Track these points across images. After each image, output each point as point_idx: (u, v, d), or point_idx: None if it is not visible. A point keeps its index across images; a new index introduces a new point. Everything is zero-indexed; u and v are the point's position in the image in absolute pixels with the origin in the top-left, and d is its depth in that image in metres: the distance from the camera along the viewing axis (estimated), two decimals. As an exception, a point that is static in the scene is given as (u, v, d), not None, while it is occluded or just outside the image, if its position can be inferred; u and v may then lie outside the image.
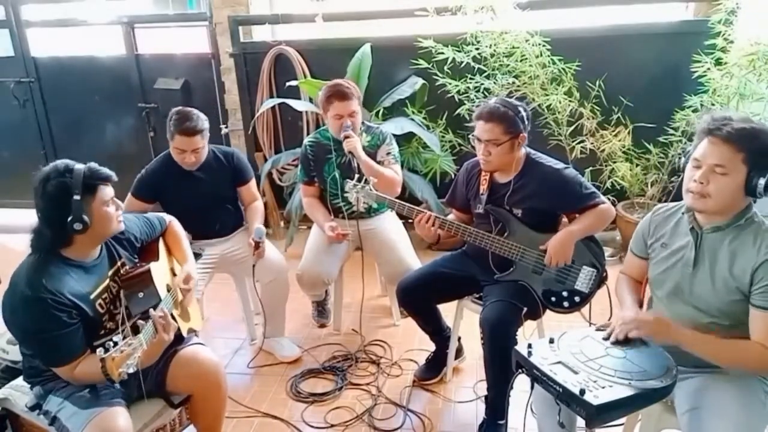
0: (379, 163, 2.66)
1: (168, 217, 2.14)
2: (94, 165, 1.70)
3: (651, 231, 1.76)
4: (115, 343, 1.49)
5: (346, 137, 2.54)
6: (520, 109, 2.13)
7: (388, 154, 2.71)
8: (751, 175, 1.46)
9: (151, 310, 1.69)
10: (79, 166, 1.67)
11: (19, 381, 1.90)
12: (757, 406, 1.52)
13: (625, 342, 1.54)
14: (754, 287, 1.50)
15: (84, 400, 1.67)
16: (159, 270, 1.88)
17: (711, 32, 3.24)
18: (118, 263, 1.84)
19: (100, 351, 1.47)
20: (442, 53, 3.47)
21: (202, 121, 2.54)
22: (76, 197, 1.61)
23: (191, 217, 2.46)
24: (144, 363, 1.60)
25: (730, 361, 1.53)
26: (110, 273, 1.80)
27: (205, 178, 2.63)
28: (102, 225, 1.69)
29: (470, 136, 2.21)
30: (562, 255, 2.13)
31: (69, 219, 1.60)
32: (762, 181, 1.45)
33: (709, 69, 3.21)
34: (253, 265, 2.61)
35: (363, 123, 2.75)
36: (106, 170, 1.71)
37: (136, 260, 1.91)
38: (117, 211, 1.74)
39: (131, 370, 1.49)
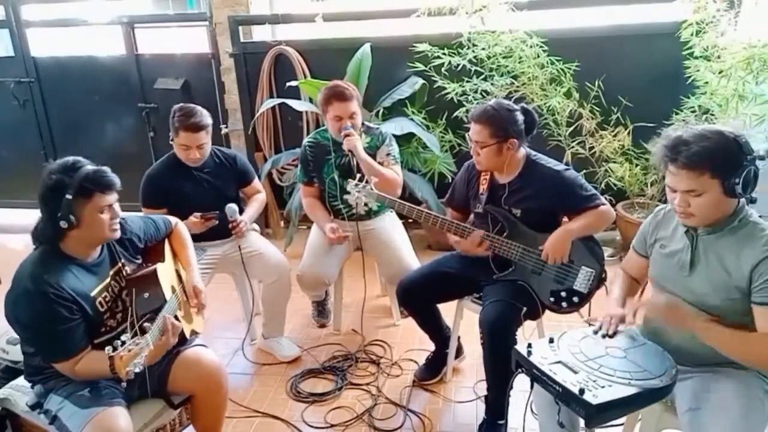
0: (379, 164, 2.66)
1: (174, 220, 2.14)
2: (101, 170, 1.69)
3: (651, 231, 1.78)
4: (123, 342, 1.51)
5: (347, 135, 2.54)
6: (516, 114, 2.12)
7: (388, 155, 2.71)
8: (726, 183, 1.47)
9: (164, 313, 1.69)
10: (86, 168, 1.66)
11: (20, 381, 1.91)
12: (757, 405, 1.52)
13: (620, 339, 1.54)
14: (754, 285, 1.50)
15: (84, 400, 1.67)
16: (165, 271, 1.89)
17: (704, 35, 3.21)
18: (119, 263, 1.84)
19: (108, 349, 1.49)
20: (439, 58, 3.47)
21: (206, 116, 2.55)
22: (68, 196, 1.62)
23: None
24: (146, 363, 1.60)
25: (743, 353, 1.51)
26: (112, 272, 1.81)
27: (207, 178, 2.63)
28: (91, 229, 1.69)
29: (466, 135, 2.23)
30: (558, 251, 2.14)
31: (58, 215, 1.62)
32: (738, 182, 1.46)
33: (698, 71, 3.20)
34: (244, 265, 2.64)
35: (363, 124, 2.74)
36: (110, 178, 1.69)
37: (138, 261, 1.91)
38: (112, 219, 1.72)
39: (138, 369, 1.51)
